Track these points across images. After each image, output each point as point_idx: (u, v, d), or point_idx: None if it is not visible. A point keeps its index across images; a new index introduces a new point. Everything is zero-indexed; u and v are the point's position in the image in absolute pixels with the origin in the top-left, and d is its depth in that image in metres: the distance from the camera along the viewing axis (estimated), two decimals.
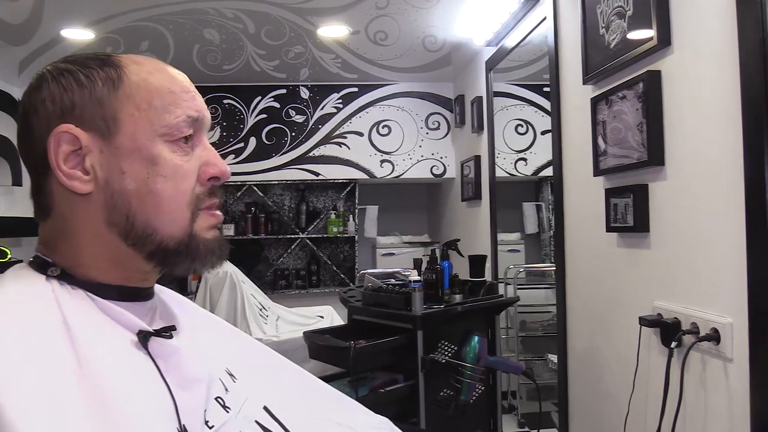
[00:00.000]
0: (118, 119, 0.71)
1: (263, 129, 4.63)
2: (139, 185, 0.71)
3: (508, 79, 3.61)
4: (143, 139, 0.71)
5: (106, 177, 0.71)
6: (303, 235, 4.77)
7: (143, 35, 3.42)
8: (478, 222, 3.81)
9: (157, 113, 0.72)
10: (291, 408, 0.89)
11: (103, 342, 0.66)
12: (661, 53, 1.70)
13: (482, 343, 2.26)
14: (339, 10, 3.18)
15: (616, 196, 1.94)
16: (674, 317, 1.62)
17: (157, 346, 0.71)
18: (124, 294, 0.74)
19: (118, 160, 0.71)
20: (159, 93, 0.73)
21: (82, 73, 0.72)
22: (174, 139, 0.73)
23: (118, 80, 0.72)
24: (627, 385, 1.86)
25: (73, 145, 0.70)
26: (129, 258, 0.73)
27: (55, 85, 0.71)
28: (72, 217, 0.72)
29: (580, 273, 2.32)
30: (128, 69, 0.73)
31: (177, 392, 0.69)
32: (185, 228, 0.74)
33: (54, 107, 0.70)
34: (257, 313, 3.50)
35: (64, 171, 0.69)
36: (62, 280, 0.69)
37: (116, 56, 0.75)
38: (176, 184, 0.73)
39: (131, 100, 0.72)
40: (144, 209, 0.72)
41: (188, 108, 0.75)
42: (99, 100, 0.71)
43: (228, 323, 1.01)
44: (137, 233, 0.72)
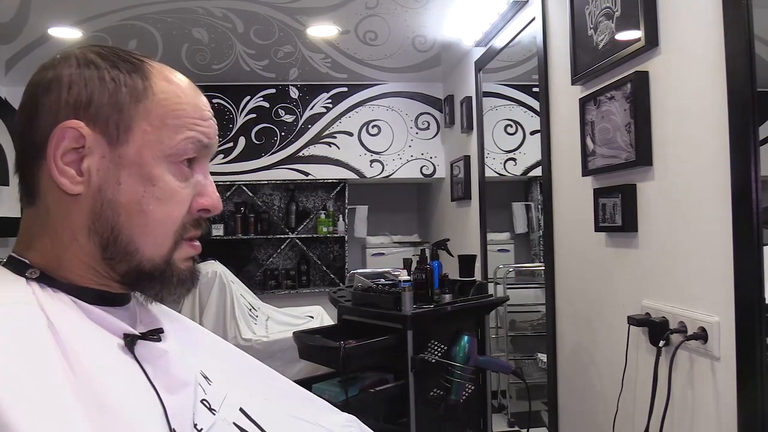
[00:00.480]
0: (130, 129, 0.69)
1: (252, 129, 4.61)
2: (131, 201, 0.69)
3: (498, 79, 3.62)
4: (148, 156, 0.70)
5: (101, 183, 0.69)
6: (293, 235, 4.77)
7: (131, 34, 3.40)
8: (468, 222, 3.82)
9: (168, 133, 0.71)
10: (266, 409, 0.89)
11: (90, 346, 0.64)
12: (648, 54, 1.72)
13: (472, 343, 2.26)
14: (328, 10, 3.17)
15: (604, 196, 1.95)
16: (662, 316, 1.63)
17: (143, 350, 0.70)
18: (105, 299, 0.72)
19: (118, 170, 0.69)
20: (176, 114, 0.72)
21: (109, 73, 0.70)
22: (177, 161, 0.72)
23: (143, 94, 0.70)
24: (616, 384, 1.87)
25: (77, 143, 0.68)
26: (105, 269, 0.71)
27: (77, 74, 0.69)
28: (56, 212, 0.70)
29: (569, 272, 2.34)
30: (156, 85, 0.72)
31: (165, 396, 0.68)
32: (165, 255, 0.73)
33: (69, 97, 0.68)
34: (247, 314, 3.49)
35: (59, 166, 0.67)
36: (42, 282, 0.67)
37: (148, 64, 0.73)
38: (169, 209, 0.72)
39: (149, 115, 0.70)
40: (130, 226, 0.70)
41: (201, 133, 0.74)
42: (119, 105, 0.69)
43: (198, 324, 1.01)
44: (118, 248, 0.70)
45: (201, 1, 3.03)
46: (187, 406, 0.73)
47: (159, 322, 0.80)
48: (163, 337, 0.74)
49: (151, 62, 0.74)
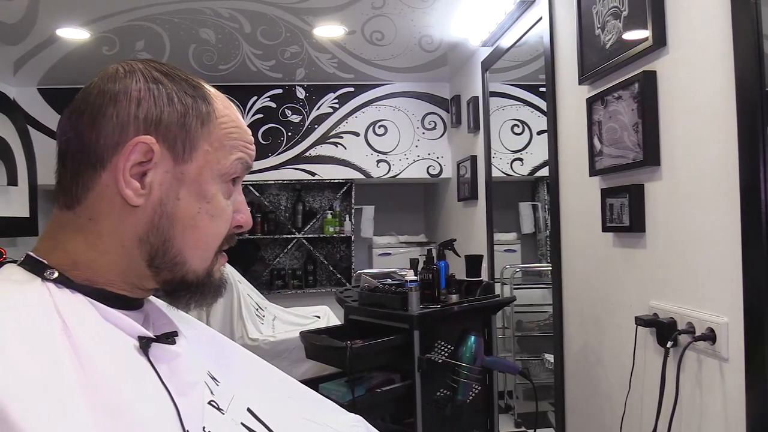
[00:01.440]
0: (195, 149, 0.73)
1: (259, 129, 4.62)
2: (187, 216, 0.73)
3: (504, 79, 3.61)
4: (207, 175, 0.74)
5: (162, 197, 0.72)
6: (299, 235, 4.77)
7: (139, 35, 3.41)
8: (475, 222, 3.82)
9: (224, 153, 0.76)
10: (273, 409, 0.89)
11: (104, 347, 0.65)
12: (656, 54, 1.71)
13: (479, 343, 2.26)
14: (335, 10, 3.17)
15: (611, 196, 1.94)
16: (670, 317, 1.62)
17: (157, 352, 0.70)
18: (121, 301, 0.73)
19: (179, 185, 0.73)
20: (231, 137, 0.77)
21: (177, 95, 0.73)
22: (227, 180, 0.77)
23: (207, 117, 0.75)
24: (623, 385, 1.86)
25: (145, 157, 0.70)
26: (140, 277, 0.74)
27: (146, 90, 0.72)
28: (106, 222, 0.71)
29: (576, 273, 2.33)
30: (217, 108, 0.77)
31: (178, 398, 0.68)
32: (208, 267, 0.78)
33: (139, 112, 0.71)
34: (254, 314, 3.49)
35: (126, 178, 0.70)
36: (59, 283, 0.67)
37: (206, 89, 0.78)
38: (218, 225, 0.77)
39: (211, 136, 0.75)
40: (183, 239, 0.74)
41: (247, 155, 0.79)
42: (187, 127, 0.73)
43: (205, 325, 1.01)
44: (167, 259, 0.73)
45: (208, 2, 3.04)
46: (197, 407, 0.73)
47: (172, 324, 0.81)
48: (177, 340, 0.75)
49: (206, 85, 0.79)
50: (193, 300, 0.79)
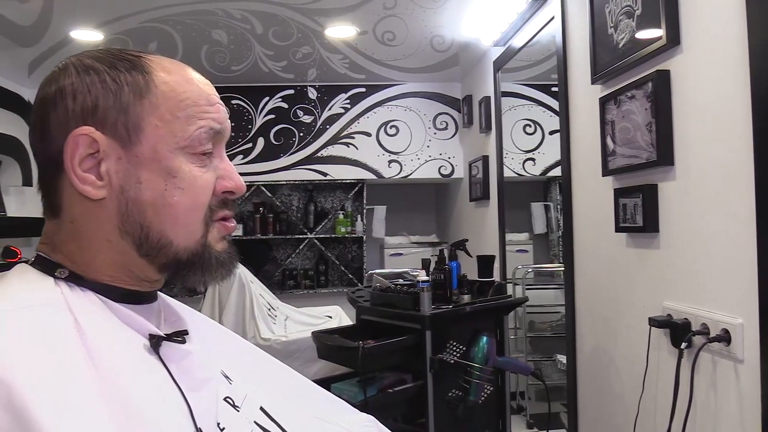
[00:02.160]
0: (141, 128, 0.70)
1: (271, 129, 4.64)
2: (155, 196, 0.70)
3: (516, 79, 3.60)
4: (164, 151, 0.70)
5: (122, 185, 0.69)
6: (311, 236, 4.78)
7: (152, 36, 3.43)
8: (486, 222, 3.81)
9: (180, 125, 0.71)
10: (286, 408, 0.89)
11: (116, 345, 0.65)
12: (670, 53, 1.70)
13: (491, 344, 2.25)
14: (346, 11, 3.18)
15: (625, 196, 1.93)
16: (684, 318, 1.61)
17: (168, 350, 0.71)
18: (132, 297, 0.73)
19: (136, 169, 0.69)
20: (185, 105, 0.72)
21: (109, 74, 0.70)
22: (194, 152, 0.72)
23: (146, 88, 0.70)
24: (636, 386, 1.85)
25: (91, 149, 0.68)
26: (140, 267, 0.72)
27: (79, 82, 0.69)
28: (84, 221, 0.70)
29: (589, 273, 2.32)
30: (157, 76, 0.72)
31: (190, 395, 0.69)
32: (199, 239, 0.74)
33: (75, 106, 0.68)
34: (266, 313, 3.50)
35: (79, 174, 0.68)
36: (70, 282, 0.68)
37: (146, 58, 0.73)
38: (194, 197, 0.72)
39: (157, 110, 0.70)
40: (160, 220, 0.71)
41: (212, 120, 0.74)
42: (124, 106, 0.69)
43: (217, 323, 1.01)
44: (151, 244, 0.71)
45: (220, 3, 3.06)
46: (210, 403, 0.73)
47: (183, 322, 0.81)
48: (188, 338, 0.75)
49: (148, 56, 0.74)
50: (200, 277, 0.76)
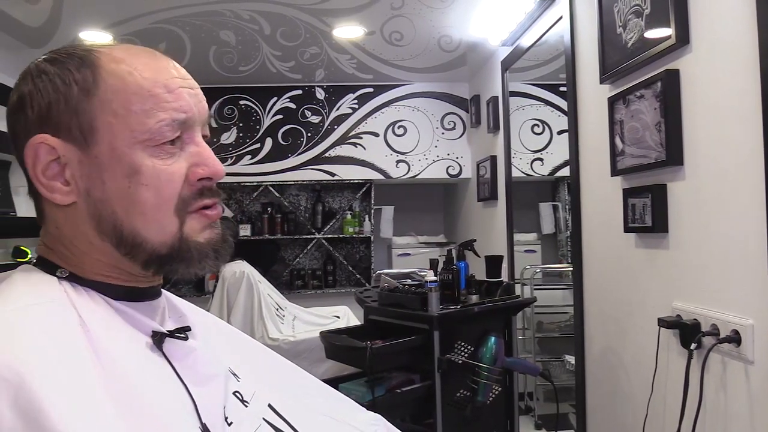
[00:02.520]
0: (94, 128, 0.67)
1: (279, 129, 4.65)
2: (121, 195, 0.68)
3: (524, 78, 3.59)
4: (122, 148, 0.67)
5: (87, 188, 0.68)
6: (319, 236, 4.79)
7: (160, 37, 3.45)
8: (495, 222, 3.80)
9: (137, 118, 0.67)
10: (294, 406, 0.89)
11: (120, 344, 0.65)
12: (679, 52, 1.69)
13: (499, 344, 2.25)
14: (354, 11, 3.18)
15: (634, 196, 1.93)
16: (694, 318, 1.60)
17: (171, 347, 0.71)
18: (134, 294, 0.73)
19: (99, 170, 0.67)
20: (139, 96, 0.68)
21: (59, 76, 0.67)
22: (156, 144, 0.68)
23: (94, 84, 0.67)
24: (645, 387, 1.84)
25: (51, 155, 0.67)
26: (128, 265, 0.71)
27: (33, 88, 0.67)
28: (65, 226, 0.70)
29: (598, 273, 2.31)
30: (105, 70, 0.68)
31: (194, 391, 0.69)
32: (174, 233, 0.70)
33: (32, 114, 0.67)
34: (274, 313, 3.51)
35: (44, 183, 0.67)
36: (72, 281, 0.68)
37: (96, 52, 0.69)
38: (159, 191, 0.69)
39: (108, 106, 0.67)
40: (130, 219, 0.68)
41: (173, 111, 0.69)
42: (74, 108, 0.67)
43: (225, 323, 1.01)
44: (127, 243, 0.69)
45: (228, 4, 3.06)
46: (217, 399, 0.73)
47: (187, 319, 0.81)
48: (191, 335, 0.75)
49: (99, 48, 0.70)
50: (185, 269, 0.72)
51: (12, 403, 0.53)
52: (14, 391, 0.53)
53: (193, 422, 0.67)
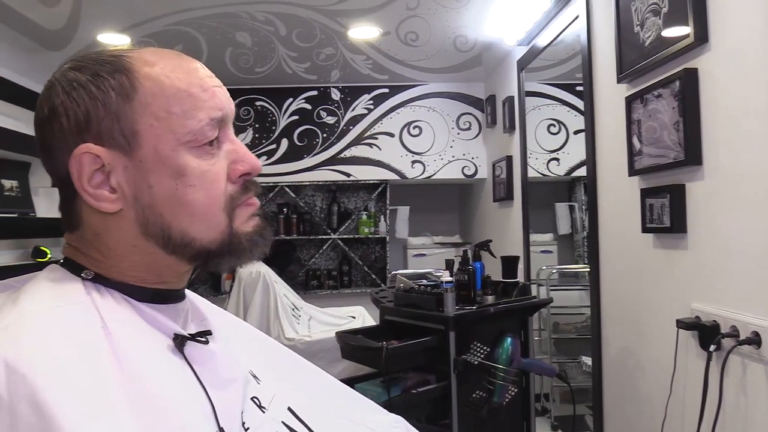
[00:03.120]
0: (137, 132, 0.67)
1: (295, 130, 4.66)
2: (169, 197, 0.68)
3: (540, 78, 3.57)
4: (167, 150, 0.68)
5: (134, 193, 0.68)
6: (334, 236, 4.80)
7: (177, 39, 3.47)
8: (510, 222, 3.79)
9: (178, 120, 0.68)
10: (314, 409, 0.89)
11: (141, 345, 0.66)
12: (698, 50, 1.67)
13: (515, 345, 2.24)
14: (369, 12, 3.18)
15: (651, 196, 1.91)
16: (713, 320, 1.58)
17: (192, 350, 0.71)
18: (159, 296, 0.73)
19: (144, 174, 0.68)
20: (177, 98, 0.68)
21: (93, 83, 0.67)
22: (198, 145, 0.69)
23: (132, 89, 0.67)
24: (663, 389, 1.82)
25: (96, 164, 0.67)
26: (168, 264, 0.72)
27: (67, 99, 0.67)
28: (107, 233, 0.70)
29: (615, 274, 2.29)
30: (140, 74, 0.68)
31: (214, 395, 0.69)
32: (224, 230, 0.72)
33: (69, 124, 0.67)
34: (290, 313, 3.53)
35: (91, 192, 0.67)
36: (97, 282, 0.69)
37: (126, 57, 0.69)
38: (207, 191, 0.70)
39: (148, 109, 0.67)
40: (179, 220, 0.69)
41: (210, 109, 0.70)
42: (115, 113, 0.67)
43: (247, 324, 1.01)
44: (175, 243, 0.70)
45: (244, 6, 3.08)
46: (235, 404, 0.74)
47: (209, 322, 0.81)
48: (212, 338, 0.75)
49: (128, 53, 0.70)
50: (235, 261, 0.74)
51: (30, 400, 0.54)
52: (31, 388, 0.54)
53: (210, 426, 0.67)
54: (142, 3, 2.98)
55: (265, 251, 0.76)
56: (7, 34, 3.15)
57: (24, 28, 3.11)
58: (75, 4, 2.91)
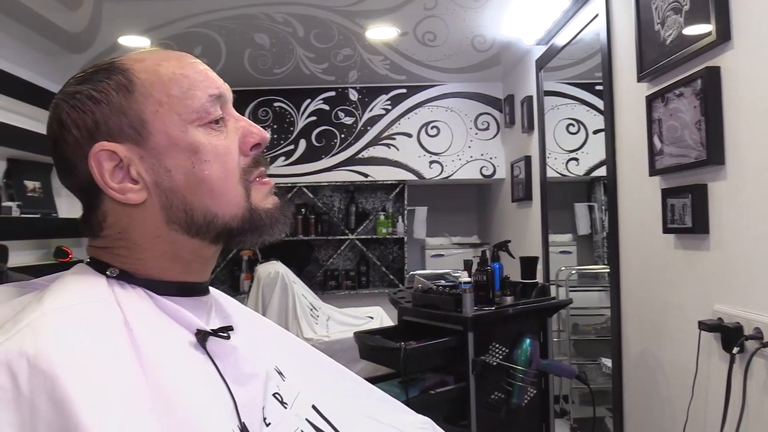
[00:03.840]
0: (144, 121, 0.70)
1: (313, 131, 4.68)
2: (187, 177, 0.71)
3: (559, 77, 3.55)
4: (176, 132, 0.71)
5: (155, 179, 0.71)
6: (352, 236, 4.80)
7: (196, 41, 3.50)
8: (529, 223, 3.77)
9: (179, 102, 0.72)
10: (338, 407, 0.90)
11: (162, 341, 0.67)
12: (720, 48, 1.65)
13: (534, 346, 2.23)
14: (387, 12, 3.19)
15: (673, 196, 1.89)
16: (736, 322, 1.56)
17: (215, 345, 0.72)
18: (184, 289, 0.75)
19: (160, 159, 0.71)
20: (174, 81, 0.72)
21: (93, 89, 0.71)
22: (205, 122, 0.73)
23: (130, 83, 0.71)
24: (685, 392, 1.80)
25: (113, 160, 0.70)
26: (193, 249, 0.74)
27: (72, 111, 0.70)
28: (131, 228, 0.72)
29: (636, 275, 2.27)
30: (135, 69, 0.72)
31: (235, 390, 0.70)
32: (243, 204, 0.75)
33: (80, 132, 0.70)
34: (308, 313, 3.54)
35: (115, 187, 0.70)
36: (121, 279, 0.71)
37: (119, 60, 0.74)
38: (222, 164, 0.73)
39: (150, 98, 0.71)
40: (200, 198, 0.72)
41: (207, 87, 0.74)
42: (119, 109, 0.70)
43: (273, 322, 1.02)
44: (198, 224, 0.73)
45: (262, 7, 3.10)
46: (256, 400, 0.74)
47: (232, 318, 0.83)
48: (234, 334, 0.76)
49: (119, 57, 0.75)
50: (257, 238, 0.77)
51: (49, 396, 0.55)
52: (51, 384, 0.55)
53: (232, 421, 0.68)
54: (162, 6, 3.01)
55: (285, 228, 0.79)
56: (29, 36, 3.20)
57: (46, 31, 3.16)
58: (96, 7, 2.94)
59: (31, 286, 0.73)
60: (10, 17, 2.93)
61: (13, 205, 3.29)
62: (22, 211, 3.37)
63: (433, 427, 1.04)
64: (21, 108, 3.56)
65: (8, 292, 0.72)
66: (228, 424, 0.67)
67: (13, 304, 0.68)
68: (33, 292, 0.70)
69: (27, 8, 2.83)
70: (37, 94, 3.75)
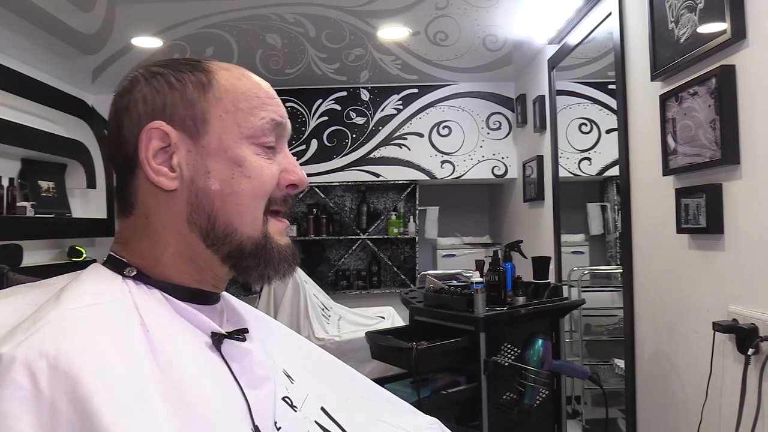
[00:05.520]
0: (206, 120, 0.73)
1: (324, 131, 4.68)
2: (222, 185, 0.73)
3: (571, 77, 3.53)
4: (229, 141, 0.73)
5: (192, 176, 0.72)
6: (364, 236, 4.80)
7: (209, 41, 3.51)
8: (541, 223, 3.75)
9: (243, 115, 0.74)
10: (347, 409, 0.90)
11: (178, 343, 0.67)
12: (735, 47, 1.64)
13: (546, 347, 2.22)
14: (398, 12, 3.18)
15: (687, 196, 1.87)
16: (751, 323, 1.55)
17: (229, 348, 0.72)
18: (197, 297, 0.75)
19: (205, 159, 0.73)
20: (246, 96, 0.75)
21: (174, 76, 0.74)
22: (258, 143, 0.75)
23: (208, 84, 0.74)
24: (699, 393, 1.79)
25: (163, 142, 0.72)
26: (206, 260, 0.75)
27: (147, 87, 0.73)
28: (155, 215, 0.73)
29: (649, 275, 2.25)
30: (217, 74, 0.76)
31: (249, 393, 0.70)
32: (260, 230, 0.75)
33: (146, 107, 0.73)
34: (320, 313, 3.54)
35: (153, 166, 0.71)
36: (138, 280, 0.71)
37: (206, 62, 0.77)
38: (257, 185, 0.74)
39: (220, 102, 0.74)
40: (226, 209, 0.73)
41: (273, 112, 0.77)
42: (189, 101, 0.73)
43: (279, 323, 1.02)
44: (217, 233, 0.73)
45: (274, 8, 3.10)
46: (268, 402, 0.74)
47: (244, 321, 0.83)
48: (248, 337, 0.76)
49: (207, 61, 0.78)
50: (262, 270, 0.77)
51: (71, 397, 0.55)
52: (72, 385, 0.56)
53: (246, 424, 0.68)
54: (174, 7, 3.03)
55: (290, 271, 0.80)
56: (43, 38, 3.22)
57: (60, 33, 3.18)
58: (109, 8, 2.96)
59: (47, 286, 0.73)
60: (24, 19, 2.95)
61: (27, 205, 3.32)
62: (36, 211, 3.40)
63: (441, 428, 1.03)
64: (35, 109, 3.59)
65: (22, 291, 0.72)
66: (243, 427, 0.67)
67: (28, 300, 0.68)
68: (46, 288, 0.71)
69: (41, 10, 2.86)
70: (51, 95, 3.78)
